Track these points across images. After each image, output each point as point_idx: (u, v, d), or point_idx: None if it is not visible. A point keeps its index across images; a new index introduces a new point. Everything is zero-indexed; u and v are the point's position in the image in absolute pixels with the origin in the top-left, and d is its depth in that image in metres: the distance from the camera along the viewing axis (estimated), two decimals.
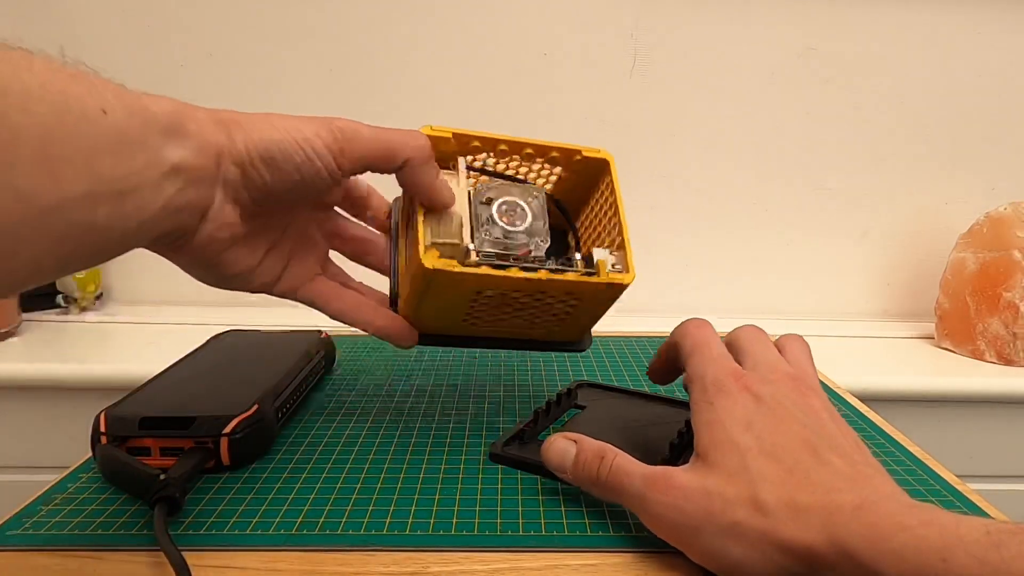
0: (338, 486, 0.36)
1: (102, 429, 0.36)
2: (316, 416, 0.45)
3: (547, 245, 0.38)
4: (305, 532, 0.32)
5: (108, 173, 0.26)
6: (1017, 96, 0.94)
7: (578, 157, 0.40)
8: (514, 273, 0.35)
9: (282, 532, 0.32)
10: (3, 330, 0.82)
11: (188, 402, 0.39)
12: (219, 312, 0.95)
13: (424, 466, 0.38)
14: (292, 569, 0.29)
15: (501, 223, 0.37)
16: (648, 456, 0.35)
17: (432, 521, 0.33)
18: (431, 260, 0.34)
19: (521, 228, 0.38)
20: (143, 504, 0.34)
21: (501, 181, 0.40)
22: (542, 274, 0.35)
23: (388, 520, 0.33)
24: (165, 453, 0.36)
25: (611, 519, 0.33)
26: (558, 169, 0.42)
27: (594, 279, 0.37)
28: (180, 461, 0.35)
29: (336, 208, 0.42)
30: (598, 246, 0.41)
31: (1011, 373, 0.80)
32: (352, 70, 0.92)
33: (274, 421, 0.40)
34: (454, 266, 0.34)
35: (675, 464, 0.37)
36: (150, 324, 0.91)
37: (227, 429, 0.36)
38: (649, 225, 0.97)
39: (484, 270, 0.35)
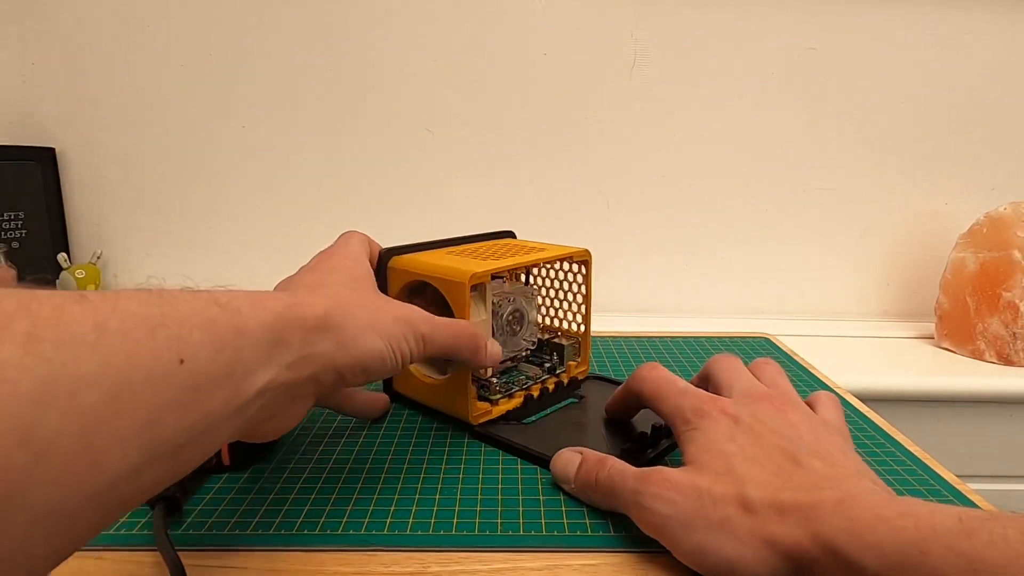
0: (339, 486, 0.36)
1: None
2: (317, 416, 0.45)
3: (535, 341, 0.48)
4: (306, 532, 0.32)
5: (168, 433, 0.22)
6: (1017, 96, 0.94)
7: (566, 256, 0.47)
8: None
9: (283, 532, 0.32)
10: None
11: None
12: None
13: (425, 466, 0.38)
14: (293, 569, 0.29)
15: (507, 332, 0.45)
16: (623, 439, 0.40)
17: (433, 521, 0.33)
18: (475, 418, 0.42)
19: (521, 333, 0.46)
20: (143, 504, 0.34)
21: (511, 287, 0.46)
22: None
23: (389, 520, 0.33)
24: None
25: (611, 519, 0.33)
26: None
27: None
28: None
29: None
30: (562, 319, 0.51)
31: (1011, 373, 0.80)
32: (352, 70, 0.92)
33: None
34: (490, 413, 0.43)
35: (644, 450, 0.38)
36: None
37: None
38: (649, 225, 0.97)
39: (502, 407, 0.44)
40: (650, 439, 0.39)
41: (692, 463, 0.31)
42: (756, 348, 0.61)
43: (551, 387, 0.46)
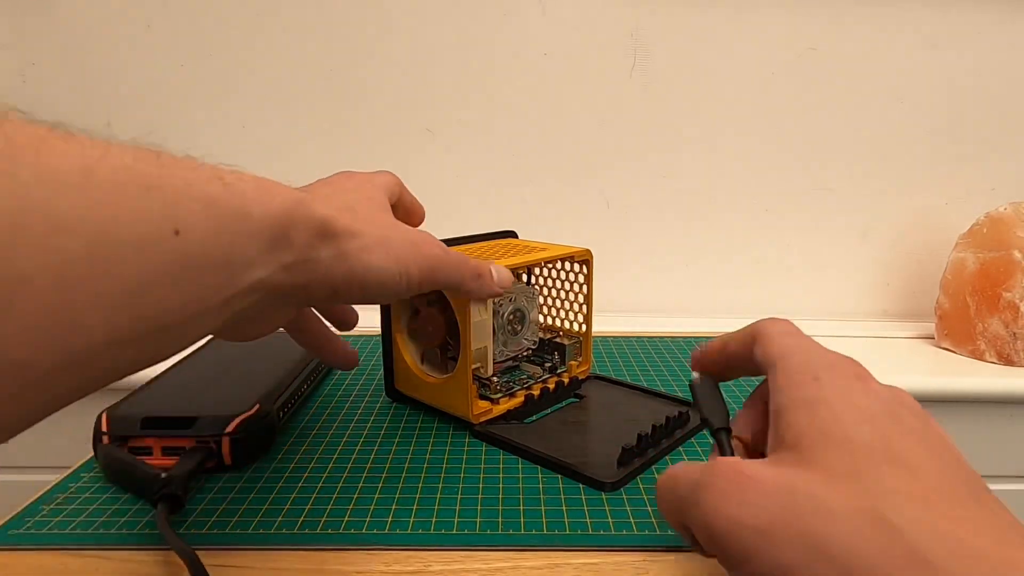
0: (340, 485, 0.36)
1: (104, 429, 0.36)
2: (317, 415, 0.45)
3: (536, 341, 0.48)
4: (307, 531, 0.32)
5: (153, 309, 0.20)
6: (1017, 96, 0.94)
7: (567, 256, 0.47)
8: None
9: (284, 531, 0.32)
10: None
11: (190, 402, 0.39)
12: None
13: (426, 465, 0.38)
14: (294, 568, 0.29)
15: (508, 331, 0.45)
16: (623, 439, 0.38)
17: (434, 520, 0.33)
18: (476, 417, 0.42)
19: (522, 332, 0.46)
20: (145, 503, 0.34)
21: (512, 286, 0.46)
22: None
23: (390, 519, 0.33)
24: (167, 453, 0.36)
25: (613, 519, 0.33)
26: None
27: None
28: (182, 460, 0.35)
29: None
30: (563, 319, 0.51)
31: (1011, 373, 0.80)
32: (352, 70, 0.92)
33: (275, 420, 0.40)
34: (491, 412, 0.43)
35: (644, 450, 0.38)
36: None
37: (229, 428, 0.37)
38: (649, 225, 0.97)
39: (503, 406, 0.44)
40: (650, 439, 0.39)
41: (794, 447, 0.21)
42: None
43: (552, 387, 0.46)
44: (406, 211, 0.39)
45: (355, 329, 0.41)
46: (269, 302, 0.26)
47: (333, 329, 0.40)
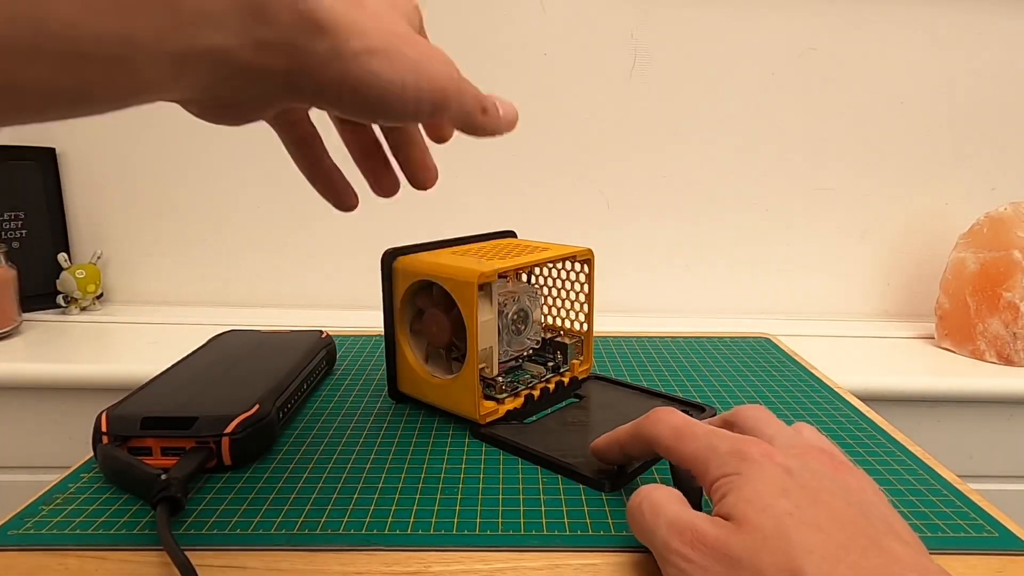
0: (340, 485, 0.36)
1: (103, 429, 0.36)
2: (318, 416, 0.45)
3: (539, 340, 0.48)
4: (307, 532, 0.32)
5: (57, 25, 0.16)
6: (1017, 96, 0.94)
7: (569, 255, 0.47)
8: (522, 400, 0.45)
9: (284, 532, 0.32)
10: (3, 330, 0.82)
11: (189, 402, 0.39)
12: (219, 312, 0.95)
13: (426, 465, 0.38)
14: (294, 568, 0.29)
15: (512, 331, 0.45)
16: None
17: (434, 520, 0.33)
18: (483, 417, 0.42)
19: (525, 332, 0.46)
20: (145, 504, 0.34)
21: (515, 285, 0.47)
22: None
23: (390, 520, 0.33)
24: (167, 453, 0.36)
25: (613, 519, 0.33)
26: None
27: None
28: (182, 461, 0.35)
29: None
30: (564, 319, 0.51)
31: (1011, 373, 0.80)
32: None
33: (275, 421, 0.40)
34: (496, 413, 0.43)
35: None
36: (150, 324, 0.91)
37: (229, 429, 0.36)
38: (649, 225, 0.97)
39: (507, 406, 0.44)
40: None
41: (733, 518, 0.24)
42: (756, 348, 0.61)
43: (552, 387, 0.46)
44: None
45: (355, 329, 0.41)
46: (243, 82, 0.21)
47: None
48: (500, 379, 0.44)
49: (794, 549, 0.22)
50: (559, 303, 0.51)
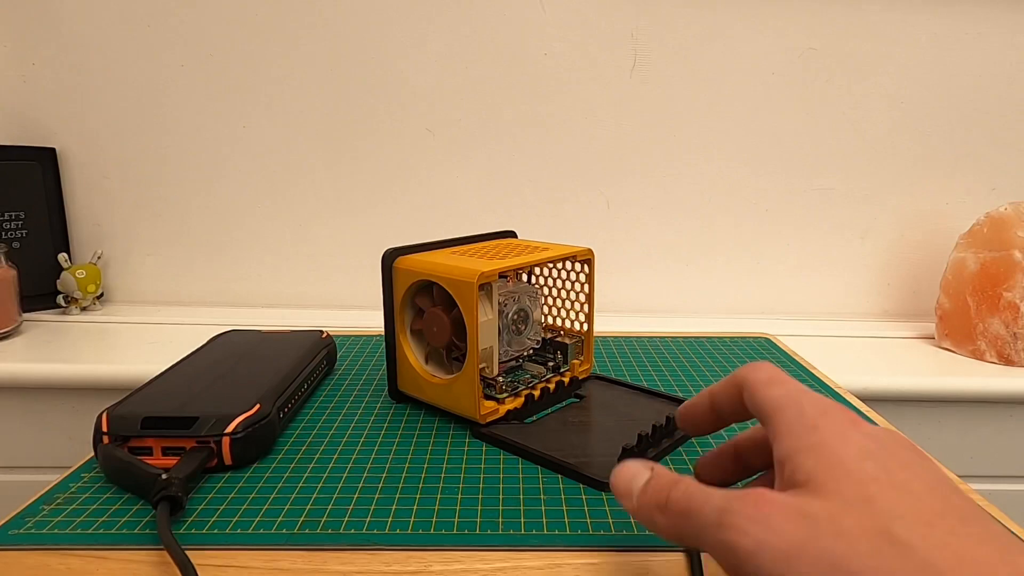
0: (340, 485, 0.36)
1: (104, 429, 0.36)
2: (318, 415, 0.45)
3: (539, 340, 0.48)
4: (307, 531, 0.32)
5: None
6: (1017, 96, 0.94)
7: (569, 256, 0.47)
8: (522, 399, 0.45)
9: (284, 531, 0.32)
10: (3, 330, 0.82)
11: (190, 402, 0.39)
12: (219, 312, 0.95)
13: (426, 465, 0.38)
14: (294, 568, 0.29)
15: (512, 331, 0.46)
16: (624, 439, 0.38)
17: (434, 520, 0.33)
18: (483, 417, 0.42)
19: (525, 332, 0.47)
20: (145, 504, 0.34)
21: (515, 285, 0.47)
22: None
23: (390, 519, 0.33)
24: (167, 453, 0.36)
25: (613, 519, 0.33)
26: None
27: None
28: (182, 461, 0.35)
29: None
30: (564, 319, 0.51)
31: (1011, 373, 0.80)
32: (352, 70, 0.92)
33: (276, 421, 0.40)
34: (497, 412, 0.43)
35: (645, 450, 0.38)
36: (150, 324, 0.91)
37: (229, 429, 0.37)
38: (649, 225, 0.97)
39: (508, 406, 0.44)
40: (651, 439, 0.39)
41: (805, 486, 0.22)
42: (756, 348, 0.61)
43: (552, 387, 0.46)
44: None
45: (355, 329, 0.41)
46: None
47: None
48: (500, 379, 0.44)
49: (881, 513, 0.20)
50: (559, 303, 0.51)
